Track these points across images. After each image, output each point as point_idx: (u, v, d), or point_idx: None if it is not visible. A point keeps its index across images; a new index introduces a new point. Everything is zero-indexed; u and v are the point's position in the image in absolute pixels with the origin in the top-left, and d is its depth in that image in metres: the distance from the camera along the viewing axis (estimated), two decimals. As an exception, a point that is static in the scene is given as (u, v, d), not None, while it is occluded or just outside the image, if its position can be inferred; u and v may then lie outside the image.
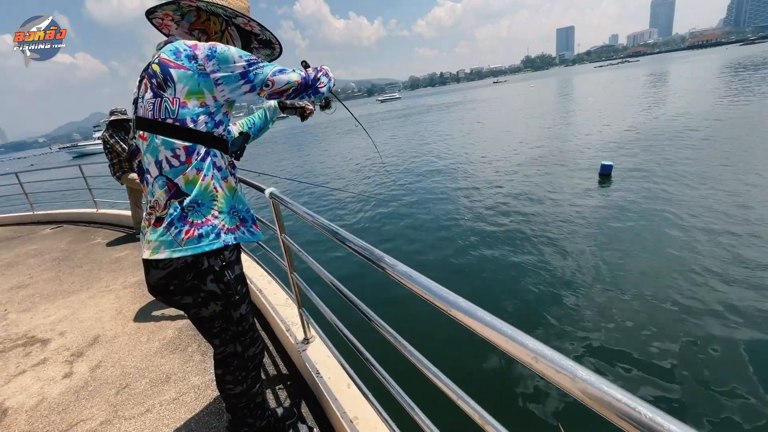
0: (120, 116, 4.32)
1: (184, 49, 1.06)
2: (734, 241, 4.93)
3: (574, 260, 5.03)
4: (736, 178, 7.14)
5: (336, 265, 5.32)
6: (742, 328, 3.44)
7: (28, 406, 2.04)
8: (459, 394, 0.79)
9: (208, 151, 1.14)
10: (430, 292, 0.74)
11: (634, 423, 0.42)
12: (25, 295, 3.50)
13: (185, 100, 1.06)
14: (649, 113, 16.63)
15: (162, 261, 1.10)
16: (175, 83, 1.05)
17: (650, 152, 9.99)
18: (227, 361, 1.35)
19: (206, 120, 1.11)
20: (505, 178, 9.63)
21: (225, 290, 1.20)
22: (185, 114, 1.07)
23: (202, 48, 1.06)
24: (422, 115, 38.78)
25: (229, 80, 1.09)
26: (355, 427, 1.48)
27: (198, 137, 1.10)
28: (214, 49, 1.07)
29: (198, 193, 1.13)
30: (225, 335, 1.28)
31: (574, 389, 0.47)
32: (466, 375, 3.29)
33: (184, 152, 1.09)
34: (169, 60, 1.06)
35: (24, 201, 6.66)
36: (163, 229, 1.11)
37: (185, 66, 1.05)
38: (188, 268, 1.12)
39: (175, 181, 1.11)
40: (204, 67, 1.06)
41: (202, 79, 1.06)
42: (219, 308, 1.21)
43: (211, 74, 1.07)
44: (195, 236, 1.12)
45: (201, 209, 1.14)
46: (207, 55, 1.06)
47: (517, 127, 19.31)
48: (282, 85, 1.18)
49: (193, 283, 1.14)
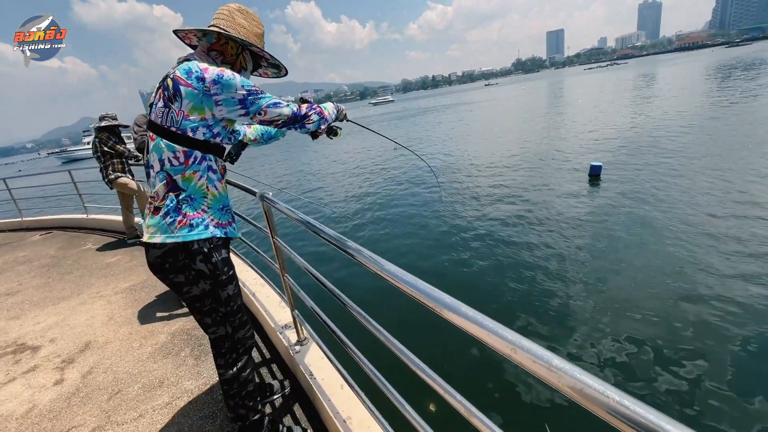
0: (111, 122, 4.29)
1: (196, 70, 1.21)
2: (721, 238, 5.04)
3: (563, 259, 5.10)
4: (723, 178, 7.29)
5: (328, 266, 5.34)
6: (731, 323, 3.52)
7: (19, 414, 2.02)
8: (446, 389, 0.82)
9: (204, 156, 1.30)
10: (417, 290, 0.77)
11: (603, 407, 0.44)
12: (14, 302, 3.45)
13: (188, 113, 1.22)
14: (639, 114, 16.91)
15: (158, 243, 1.26)
16: (182, 99, 1.21)
17: (639, 152, 10.15)
18: (219, 343, 1.46)
19: (204, 131, 1.27)
20: (496, 179, 9.72)
21: (213, 270, 1.33)
22: (186, 125, 1.23)
23: (211, 72, 1.21)
24: (415, 117, 38.98)
25: (228, 103, 1.24)
26: (348, 427, 1.50)
27: (196, 144, 1.27)
28: (221, 76, 1.21)
29: (192, 189, 1.29)
30: (216, 315, 1.40)
31: (551, 378, 0.50)
32: (454, 371, 3.35)
33: (183, 155, 1.26)
34: (181, 78, 1.21)
35: (12, 207, 6.57)
36: (160, 217, 1.27)
37: (193, 86, 1.20)
38: (180, 248, 1.28)
39: (174, 178, 1.27)
40: (209, 89, 1.20)
41: (205, 99, 1.21)
42: (208, 287, 1.34)
43: (214, 96, 1.21)
44: (186, 225, 1.27)
45: (193, 203, 1.30)
46: (214, 80, 1.20)
47: (508, 128, 19.51)
48: (273, 116, 1.33)
49: (184, 263, 1.29)
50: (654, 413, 0.41)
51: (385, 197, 9.56)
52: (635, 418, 0.41)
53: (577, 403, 0.47)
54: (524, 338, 0.55)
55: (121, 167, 4.37)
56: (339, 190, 11.37)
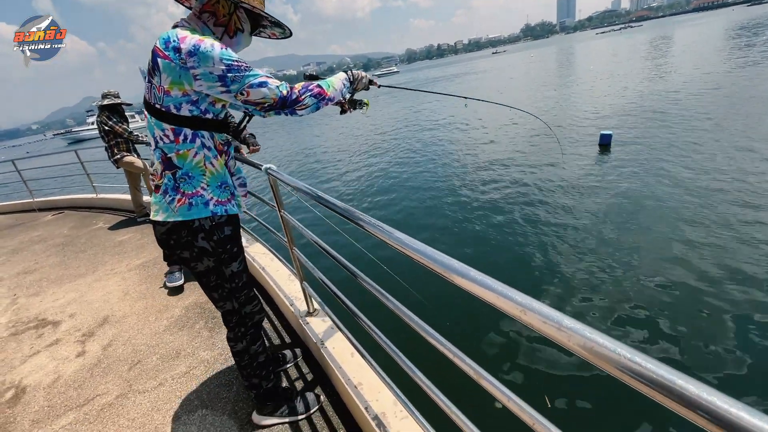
0: (114, 100, 4.25)
1: (174, 40, 1.10)
2: (733, 208, 4.95)
3: (572, 228, 5.07)
4: (737, 146, 7.08)
5: (336, 238, 5.36)
6: (740, 293, 3.50)
7: (46, 384, 2.12)
8: (456, 353, 0.83)
9: (195, 134, 1.22)
10: (426, 257, 0.77)
11: (614, 364, 0.44)
12: (33, 280, 3.56)
13: (168, 89, 1.13)
14: (651, 81, 16.29)
15: (161, 221, 1.26)
16: (161, 72, 1.12)
17: (651, 120, 9.85)
18: (227, 318, 1.49)
19: (190, 108, 1.17)
20: (504, 149, 9.55)
21: (215, 247, 1.32)
22: (169, 102, 1.15)
23: (188, 43, 1.09)
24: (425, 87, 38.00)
25: (207, 78, 1.11)
26: (359, 393, 1.55)
27: (183, 122, 1.18)
28: (198, 46, 1.09)
29: (188, 167, 1.24)
30: (222, 291, 1.41)
31: (560, 337, 0.50)
32: (464, 336, 3.43)
33: (172, 133, 1.20)
34: (159, 49, 1.12)
35: (23, 188, 6.65)
36: (160, 195, 1.26)
37: (170, 57, 1.10)
38: (182, 226, 1.26)
39: (169, 156, 1.22)
40: (185, 61, 1.09)
41: (183, 72, 1.10)
42: (212, 264, 1.34)
43: (191, 69, 1.10)
44: (186, 204, 1.24)
45: (191, 181, 1.25)
46: (189, 51, 1.09)
47: (516, 97, 18.97)
48: (257, 98, 1.16)
49: (187, 239, 1.28)
50: (666, 369, 0.41)
51: (387, 172, 9.48)
52: (647, 375, 0.41)
53: (588, 362, 0.47)
54: (534, 300, 0.54)
55: (126, 146, 4.36)
56: (347, 166, 11.29)
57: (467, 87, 30.41)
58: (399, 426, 1.38)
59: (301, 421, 1.65)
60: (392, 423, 1.39)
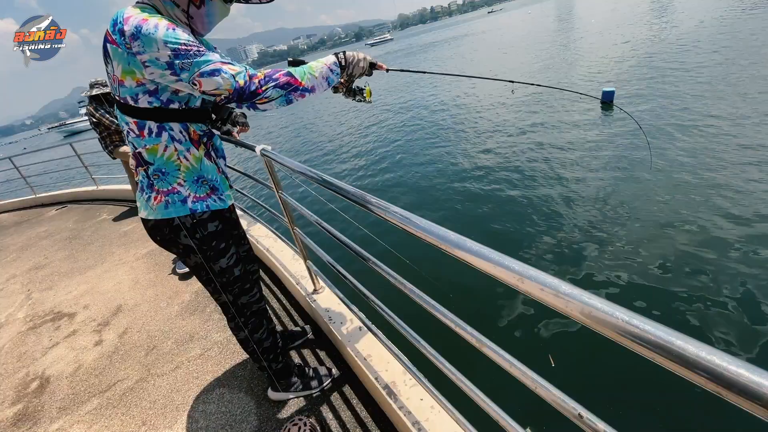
0: (102, 89, 4.15)
1: (120, 22, 0.96)
2: (740, 164, 4.85)
3: (574, 189, 5.03)
4: (742, 97, 6.86)
5: (334, 217, 5.35)
6: (751, 251, 3.45)
7: (68, 373, 2.20)
8: (458, 323, 0.84)
9: (161, 126, 1.10)
10: (422, 230, 0.76)
11: (613, 328, 0.44)
12: (45, 275, 3.62)
13: (122, 78, 1.01)
14: (655, 33, 15.64)
15: (143, 218, 1.23)
16: (111, 60, 1.01)
17: (654, 74, 9.54)
18: (225, 308, 1.48)
19: (149, 99, 1.05)
20: (505, 110, 9.34)
21: (200, 245, 1.26)
22: (125, 93, 1.04)
23: (131, 24, 0.94)
24: (416, 55, 36.88)
25: (156, 65, 0.97)
26: (369, 365, 1.59)
27: (144, 114, 1.07)
28: (140, 28, 0.94)
29: (160, 162, 1.15)
30: (214, 285, 1.38)
31: (558, 304, 0.49)
32: (465, 306, 3.47)
33: (136, 127, 1.10)
34: (109, 33, 0.99)
35: (23, 185, 6.66)
36: (139, 193, 1.22)
37: (117, 42, 0.97)
38: (164, 223, 1.21)
39: (139, 150, 1.14)
40: (130, 46, 0.96)
41: (131, 58, 0.97)
42: (199, 260, 1.30)
43: (137, 55, 0.96)
44: (162, 203, 1.17)
45: (166, 178, 1.17)
46: (132, 34, 0.94)
47: (516, 57, 18.36)
48: (210, 88, 0.99)
49: (170, 237, 1.23)
50: (665, 330, 0.41)
51: (385, 150, 9.36)
52: (646, 337, 0.41)
53: (588, 327, 0.47)
54: (531, 268, 0.54)
55: (119, 136, 4.31)
56: (341, 140, 11.14)
57: (467, 49, 29.45)
58: (409, 393, 1.42)
59: (315, 394, 1.71)
60: (402, 391, 1.43)
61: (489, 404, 0.88)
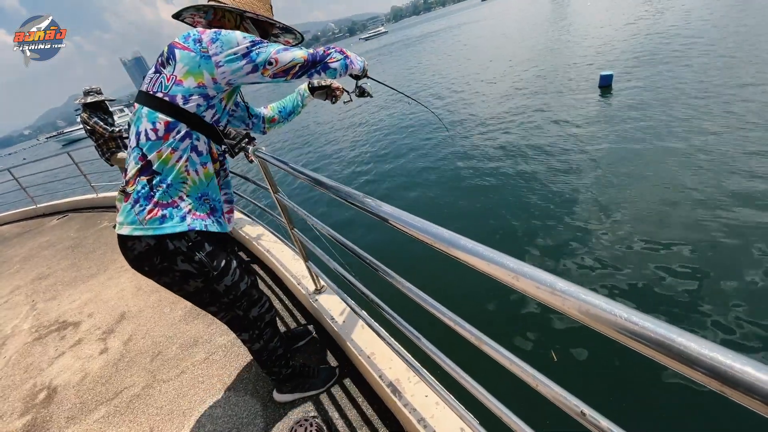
0: (96, 97, 4.13)
1: (194, 34, 1.09)
2: (738, 149, 4.79)
3: (574, 175, 4.99)
4: (739, 82, 6.76)
5: (332, 217, 5.33)
6: (751, 238, 3.40)
7: (74, 382, 2.21)
8: (457, 321, 0.82)
9: (189, 133, 1.12)
10: (415, 228, 0.74)
11: (612, 326, 0.42)
12: (48, 285, 3.63)
13: (182, 78, 1.08)
14: (654, 15, 15.42)
15: (129, 242, 1.12)
16: (176, 62, 1.08)
17: (653, 57, 9.42)
18: (235, 323, 1.42)
19: (199, 101, 1.10)
20: (503, 98, 9.27)
21: (200, 268, 1.17)
22: (177, 91, 1.08)
23: (208, 32, 1.08)
24: (411, 47, 36.57)
25: (232, 62, 1.07)
26: (373, 363, 1.59)
27: (182, 115, 1.09)
28: (219, 33, 1.08)
29: (168, 173, 1.11)
30: (219, 305, 1.31)
31: (554, 301, 0.47)
32: (464, 305, 3.43)
33: (164, 127, 1.08)
34: (178, 42, 1.09)
35: (24, 196, 6.67)
36: (129, 205, 1.11)
37: (190, 48, 1.07)
38: (154, 251, 1.11)
39: (149, 158, 1.09)
40: (207, 49, 1.06)
41: (203, 61, 1.07)
42: (200, 284, 1.21)
43: (213, 56, 1.06)
44: (158, 216, 1.10)
45: (169, 190, 1.12)
46: (211, 39, 1.07)
47: (511, 45, 18.18)
48: (287, 62, 1.10)
49: (163, 266, 1.14)
50: (665, 327, 0.39)
51: (383, 141, 9.31)
52: (646, 334, 0.39)
53: (584, 324, 0.45)
54: (526, 264, 0.52)
55: (115, 143, 4.30)
56: (336, 136, 11.09)
57: (467, 38, 29.15)
58: (413, 390, 1.41)
59: (320, 394, 1.70)
60: (406, 388, 1.43)
61: (492, 401, 0.87)
